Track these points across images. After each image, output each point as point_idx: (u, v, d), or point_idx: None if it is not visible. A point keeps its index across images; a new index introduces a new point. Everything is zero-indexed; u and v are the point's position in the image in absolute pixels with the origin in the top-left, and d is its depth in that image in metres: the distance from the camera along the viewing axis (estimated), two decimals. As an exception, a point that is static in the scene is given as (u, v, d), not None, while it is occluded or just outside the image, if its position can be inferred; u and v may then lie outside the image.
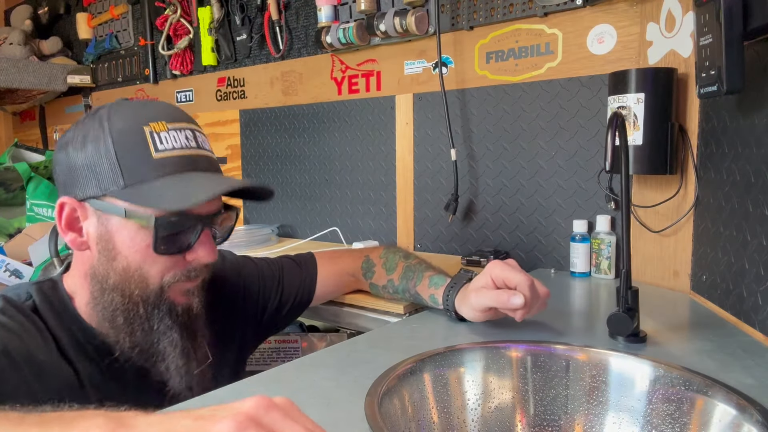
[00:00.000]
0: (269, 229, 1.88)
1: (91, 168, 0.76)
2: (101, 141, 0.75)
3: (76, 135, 0.78)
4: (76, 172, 0.77)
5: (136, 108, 0.80)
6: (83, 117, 0.81)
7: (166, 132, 0.78)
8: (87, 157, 0.76)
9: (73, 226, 0.79)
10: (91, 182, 0.76)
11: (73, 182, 0.77)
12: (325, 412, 0.62)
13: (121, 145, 0.75)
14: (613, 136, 0.79)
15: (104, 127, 0.76)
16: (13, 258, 1.95)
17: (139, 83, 2.46)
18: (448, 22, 1.52)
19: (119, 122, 0.76)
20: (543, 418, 0.78)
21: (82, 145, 0.76)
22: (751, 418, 0.62)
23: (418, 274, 1.03)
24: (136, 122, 0.77)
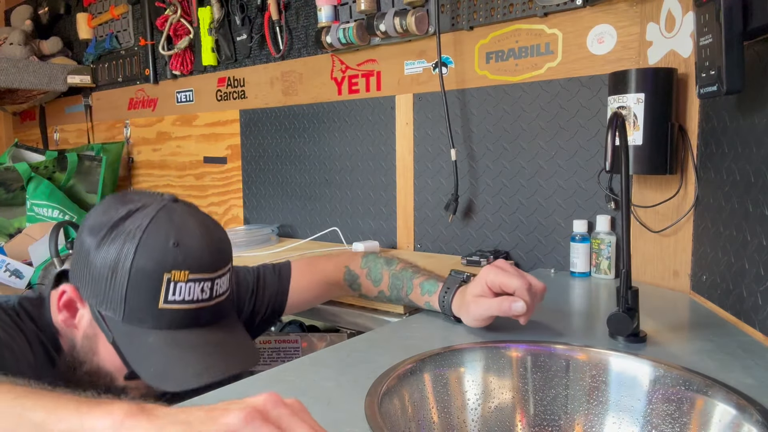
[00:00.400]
0: (269, 229, 1.88)
1: (101, 283, 0.76)
2: (119, 268, 0.75)
3: (107, 232, 0.76)
4: (87, 272, 0.77)
5: (166, 245, 0.75)
6: (123, 212, 0.77)
7: (184, 283, 0.76)
8: (101, 269, 0.76)
9: (69, 308, 0.81)
10: (96, 293, 0.77)
11: (82, 277, 0.78)
12: (325, 412, 0.62)
13: (134, 285, 0.74)
14: (613, 136, 0.79)
15: (128, 253, 0.74)
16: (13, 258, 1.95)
17: (140, 83, 2.46)
18: (448, 22, 1.52)
19: (144, 259, 0.74)
20: (543, 418, 0.78)
21: (102, 251, 0.76)
22: (751, 418, 0.62)
23: (407, 283, 1.00)
24: (161, 266, 0.74)
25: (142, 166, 2.55)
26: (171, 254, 0.75)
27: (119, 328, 0.76)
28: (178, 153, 2.37)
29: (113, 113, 2.64)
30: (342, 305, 1.18)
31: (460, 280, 0.93)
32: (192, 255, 0.76)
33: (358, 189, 1.80)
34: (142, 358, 0.75)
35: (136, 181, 2.58)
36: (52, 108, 2.96)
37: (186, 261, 0.75)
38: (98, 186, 2.38)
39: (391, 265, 1.03)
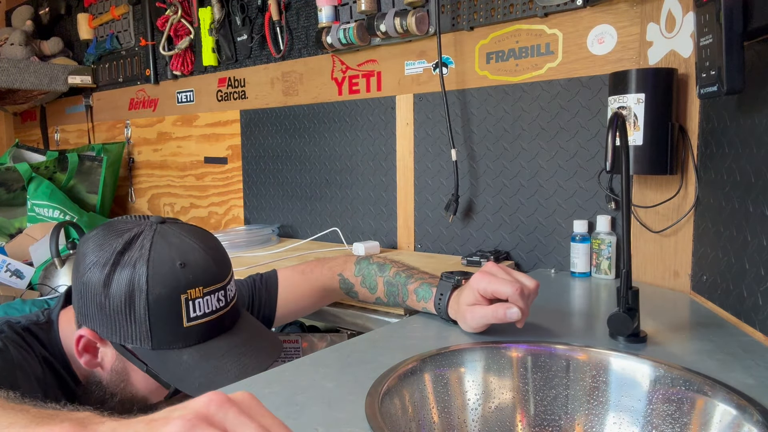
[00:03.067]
0: (270, 230, 1.88)
1: (120, 320, 0.76)
2: (136, 301, 0.75)
3: (111, 268, 0.75)
4: (101, 312, 0.76)
5: (174, 267, 0.76)
6: (120, 244, 0.76)
7: (201, 298, 0.78)
8: (116, 306, 0.75)
9: (89, 351, 0.80)
10: (116, 331, 0.76)
11: (94, 318, 0.77)
12: (326, 412, 0.62)
13: (156, 313, 0.75)
14: (614, 136, 0.79)
15: (141, 286, 0.75)
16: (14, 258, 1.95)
17: (140, 84, 2.46)
18: (448, 22, 1.52)
19: (158, 287, 0.75)
20: (543, 418, 0.78)
21: (113, 288, 0.75)
22: (751, 418, 0.62)
23: (402, 289, 0.99)
24: (176, 289, 0.76)
25: (143, 166, 2.55)
26: (182, 276, 0.77)
27: (151, 356, 0.77)
28: (179, 153, 2.37)
29: (114, 113, 2.64)
30: (342, 306, 1.18)
31: (452, 285, 0.92)
32: (200, 271, 0.79)
33: (358, 189, 1.80)
34: (183, 376, 0.77)
35: (136, 182, 2.59)
36: (53, 108, 2.96)
37: (197, 278, 0.78)
38: (99, 186, 2.38)
39: (384, 270, 1.03)
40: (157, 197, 2.51)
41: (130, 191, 2.61)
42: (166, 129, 2.40)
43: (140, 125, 2.52)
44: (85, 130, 2.77)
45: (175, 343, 0.77)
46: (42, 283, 1.85)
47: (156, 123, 2.45)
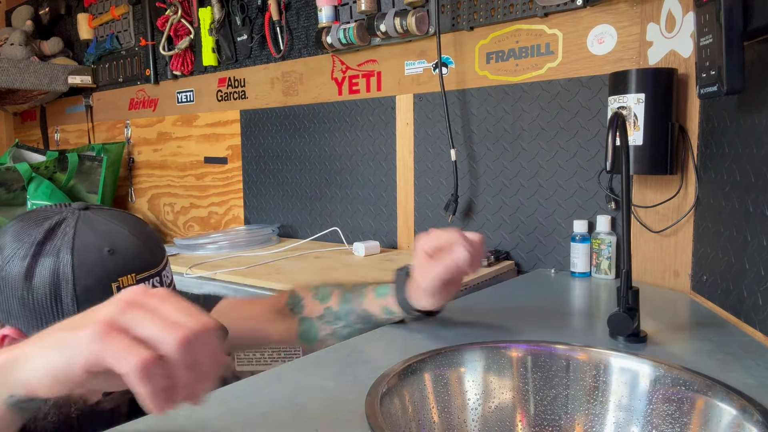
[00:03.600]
0: (270, 230, 1.88)
1: (44, 314, 0.69)
2: (62, 292, 0.69)
3: (31, 259, 0.69)
4: (24, 308, 0.69)
5: (102, 254, 0.71)
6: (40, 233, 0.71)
7: (135, 286, 0.71)
8: (41, 300, 0.69)
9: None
10: (43, 326, 0.66)
11: (18, 315, 0.70)
12: (326, 411, 0.62)
13: (84, 305, 0.65)
14: (614, 136, 0.79)
15: (67, 276, 0.68)
16: (14, 258, 1.94)
17: (140, 84, 2.46)
18: (448, 22, 1.52)
19: (85, 277, 0.69)
20: (543, 417, 0.78)
21: (35, 281, 0.69)
22: (751, 418, 0.62)
23: (359, 292, 0.93)
24: (105, 278, 0.70)
25: (143, 166, 2.55)
26: (111, 263, 0.71)
27: None
28: (179, 153, 2.37)
29: (114, 113, 2.64)
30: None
31: (405, 272, 0.89)
32: (131, 256, 0.73)
33: (358, 189, 1.80)
34: None
35: (136, 182, 2.59)
36: (53, 108, 2.96)
37: (128, 265, 0.72)
38: (99, 186, 2.38)
39: (343, 286, 0.97)
40: (157, 197, 2.51)
41: (130, 191, 2.61)
42: (166, 129, 2.40)
43: (140, 125, 2.52)
44: (85, 130, 2.77)
45: None
46: None
47: (156, 123, 2.45)
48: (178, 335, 0.43)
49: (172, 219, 2.45)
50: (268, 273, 1.42)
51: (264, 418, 0.60)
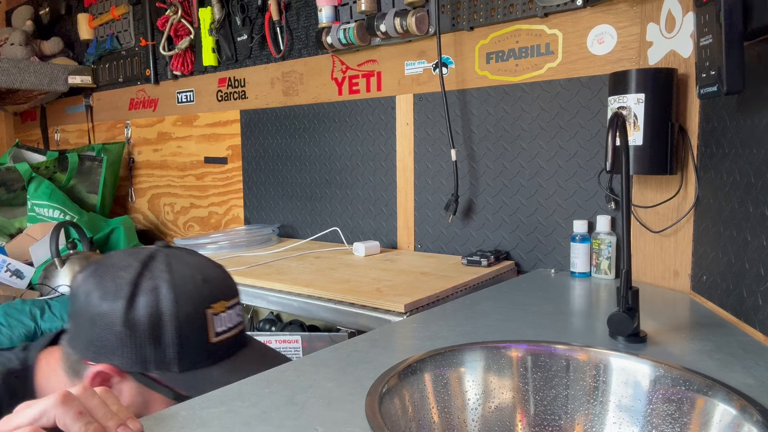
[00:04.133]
0: (270, 230, 1.88)
1: (145, 347, 0.72)
2: (164, 322, 0.72)
3: (129, 294, 0.72)
4: (121, 343, 0.71)
5: (198, 283, 0.76)
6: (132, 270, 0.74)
7: (224, 312, 0.77)
8: (141, 334, 0.71)
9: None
10: (141, 359, 0.72)
11: (113, 351, 0.71)
12: (326, 411, 0.62)
13: (184, 332, 0.73)
14: (614, 136, 0.79)
15: (169, 308, 0.72)
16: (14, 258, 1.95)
17: (140, 84, 2.46)
18: (448, 22, 1.52)
19: (184, 304, 0.73)
20: (543, 417, 0.78)
21: (136, 314, 0.71)
22: (751, 418, 0.62)
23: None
24: (202, 304, 0.74)
25: (143, 166, 2.55)
26: (205, 290, 0.76)
27: (178, 379, 0.73)
28: (179, 153, 2.37)
29: (114, 113, 2.64)
30: (343, 304, 1.18)
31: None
32: (219, 285, 0.79)
33: (358, 189, 1.80)
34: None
35: (136, 182, 2.59)
36: (53, 108, 2.96)
37: (217, 292, 0.77)
38: (99, 186, 2.38)
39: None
40: (157, 197, 2.51)
41: (130, 191, 2.61)
42: (166, 129, 2.40)
43: (140, 125, 2.52)
44: (85, 130, 2.77)
45: (204, 361, 0.74)
46: (42, 283, 1.85)
47: (156, 123, 2.45)
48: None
49: (172, 219, 2.45)
50: (268, 273, 1.42)
51: (264, 418, 0.60)
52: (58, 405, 0.52)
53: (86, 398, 0.55)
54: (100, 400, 0.55)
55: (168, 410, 0.62)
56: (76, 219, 2.11)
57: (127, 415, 0.55)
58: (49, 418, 0.52)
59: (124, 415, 0.55)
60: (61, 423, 0.52)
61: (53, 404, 0.53)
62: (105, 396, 0.56)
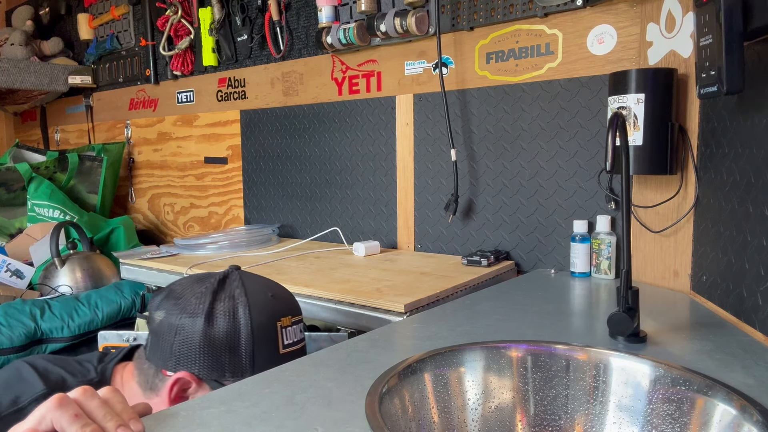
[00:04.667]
0: (270, 229, 1.88)
1: (222, 355, 0.79)
2: (241, 332, 0.79)
3: (209, 307, 0.80)
4: (201, 351, 0.79)
5: (268, 298, 0.85)
6: (210, 288, 0.82)
7: (291, 327, 0.86)
8: (220, 341, 0.79)
9: (179, 397, 0.80)
10: (218, 367, 0.79)
11: (194, 360, 0.79)
12: (325, 411, 0.62)
13: (258, 341, 0.80)
14: (614, 136, 0.79)
15: (245, 317, 0.80)
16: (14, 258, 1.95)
17: (140, 84, 2.46)
18: (448, 22, 1.52)
19: (258, 316, 0.81)
20: (543, 417, 0.78)
21: (216, 325, 0.79)
22: (751, 418, 0.62)
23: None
24: (273, 317, 0.83)
25: (143, 166, 2.55)
26: (276, 305, 0.85)
27: None
28: (179, 153, 2.37)
29: (114, 113, 2.64)
30: (343, 304, 1.18)
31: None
32: (286, 302, 0.88)
33: (358, 189, 1.80)
34: None
35: (136, 182, 2.59)
36: (53, 108, 2.96)
37: (285, 308, 0.86)
38: (99, 186, 2.38)
39: None
40: (157, 197, 2.51)
41: (130, 191, 2.61)
42: (166, 129, 2.41)
43: (140, 125, 2.52)
44: (85, 130, 2.78)
45: (272, 368, 0.78)
46: (42, 283, 1.85)
47: (156, 123, 2.45)
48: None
49: (172, 219, 2.45)
50: (268, 273, 1.42)
51: (264, 418, 0.60)
52: (53, 409, 0.53)
53: (85, 400, 0.55)
54: (101, 401, 0.55)
55: (168, 410, 0.62)
56: (76, 219, 2.11)
57: (130, 416, 0.56)
58: (47, 422, 0.52)
59: (127, 416, 0.55)
60: (58, 426, 0.52)
61: (49, 408, 0.53)
62: (110, 396, 0.56)
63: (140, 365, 0.84)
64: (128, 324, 1.68)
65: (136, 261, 1.64)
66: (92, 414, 0.54)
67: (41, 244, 1.97)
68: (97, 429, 0.52)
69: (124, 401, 0.57)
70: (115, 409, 0.55)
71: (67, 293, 1.78)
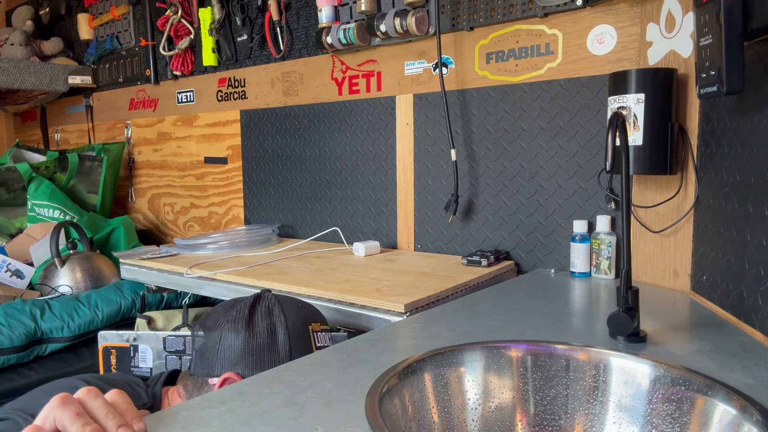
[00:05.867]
0: (270, 229, 1.88)
1: (261, 354, 0.88)
2: (278, 334, 0.89)
3: (248, 318, 0.90)
4: (243, 353, 0.87)
5: (300, 307, 0.96)
6: (242, 307, 0.92)
7: (320, 332, 0.95)
8: (261, 345, 0.88)
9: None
10: (258, 365, 0.87)
11: (237, 362, 0.87)
12: (326, 412, 0.62)
13: (294, 340, 0.90)
14: (614, 136, 0.79)
15: (281, 320, 0.90)
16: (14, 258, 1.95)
17: (140, 84, 2.46)
18: (448, 22, 1.52)
19: (293, 319, 0.92)
20: (543, 417, 0.78)
21: (255, 332, 0.89)
22: (751, 417, 0.62)
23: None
24: (306, 321, 0.93)
25: (143, 166, 2.55)
26: (307, 312, 0.96)
27: None
28: (179, 153, 2.37)
29: (114, 114, 2.64)
30: (343, 304, 1.18)
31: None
32: (315, 312, 0.98)
33: (358, 189, 1.80)
34: None
35: (136, 182, 2.59)
36: (53, 108, 2.96)
37: (314, 317, 0.96)
38: (99, 186, 2.38)
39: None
40: (157, 197, 2.51)
41: (130, 191, 2.61)
42: (166, 129, 2.41)
43: (140, 125, 2.52)
44: (86, 130, 2.78)
45: None
46: (42, 283, 1.85)
47: (156, 123, 2.45)
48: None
49: (172, 219, 2.45)
50: (268, 273, 1.42)
51: (264, 418, 0.61)
52: (56, 407, 0.53)
53: (89, 399, 0.55)
54: (104, 401, 0.56)
55: (168, 410, 0.62)
56: (76, 219, 2.11)
57: (133, 416, 0.56)
58: (50, 421, 0.53)
59: (130, 416, 0.56)
60: (60, 424, 0.53)
61: (52, 407, 0.53)
62: (115, 397, 0.57)
63: (185, 384, 0.89)
64: (128, 324, 1.68)
65: (136, 261, 1.64)
66: (94, 413, 0.54)
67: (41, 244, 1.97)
68: (98, 428, 0.52)
69: (128, 402, 0.58)
70: (119, 409, 0.56)
71: (67, 293, 1.78)
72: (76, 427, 0.52)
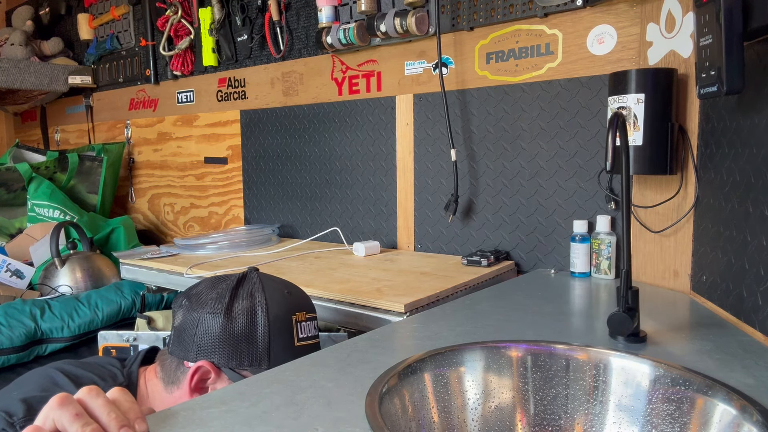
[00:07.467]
0: (270, 229, 1.88)
1: (241, 344, 0.84)
2: (258, 322, 0.85)
3: (229, 301, 0.86)
4: (221, 340, 0.84)
5: (284, 294, 0.91)
6: (231, 283, 0.89)
7: (305, 322, 0.91)
8: (240, 332, 0.84)
9: (199, 388, 0.84)
10: (237, 355, 0.84)
11: (214, 349, 0.84)
12: (326, 412, 0.62)
13: (274, 332, 0.86)
14: (614, 136, 0.79)
15: (262, 307, 0.86)
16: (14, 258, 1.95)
17: (140, 84, 2.46)
18: (448, 22, 1.52)
19: (276, 308, 0.87)
20: (543, 417, 0.78)
21: (234, 317, 0.85)
22: (751, 417, 0.62)
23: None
24: (289, 311, 0.89)
25: (143, 166, 2.55)
26: (291, 300, 0.90)
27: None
28: (179, 153, 2.37)
29: (114, 114, 2.64)
30: (343, 304, 1.18)
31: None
32: (301, 300, 0.93)
33: (358, 189, 1.80)
34: None
35: (136, 182, 2.59)
36: (53, 108, 2.96)
37: (300, 304, 0.91)
38: (99, 186, 2.38)
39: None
40: (157, 197, 2.51)
41: (130, 191, 2.61)
42: (167, 129, 2.41)
43: (140, 125, 2.52)
44: (86, 130, 2.78)
45: (287, 359, 0.82)
46: (42, 283, 1.85)
47: (156, 123, 2.45)
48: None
49: (172, 219, 2.45)
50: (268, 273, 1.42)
51: (264, 418, 0.61)
52: (54, 408, 0.52)
53: (90, 399, 0.55)
54: (105, 400, 0.55)
55: (168, 410, 0.62)
56: (76, 219, 2.11)
57: (135, 415, 0.56)
58: (50, 421, 0.52)
59: (132, 415, 0.55)
60: (60, 425, 0.52)
61: (51, 407, 0.53)
62: (117, 396, 0.57)
63: (163, 362, 0.87)
64: (128, 324, 1.68)
65: (136, 261, 1.64)
66: (96, 413, 0.54)
67: (41, 244, 1.97)
68: (98, 429, 0.52)
69: (131, 400, 0.57)
70: (122, 408, 0.55)
71: (67, 293, 1.78)
72: (76, 428, 0.51)
